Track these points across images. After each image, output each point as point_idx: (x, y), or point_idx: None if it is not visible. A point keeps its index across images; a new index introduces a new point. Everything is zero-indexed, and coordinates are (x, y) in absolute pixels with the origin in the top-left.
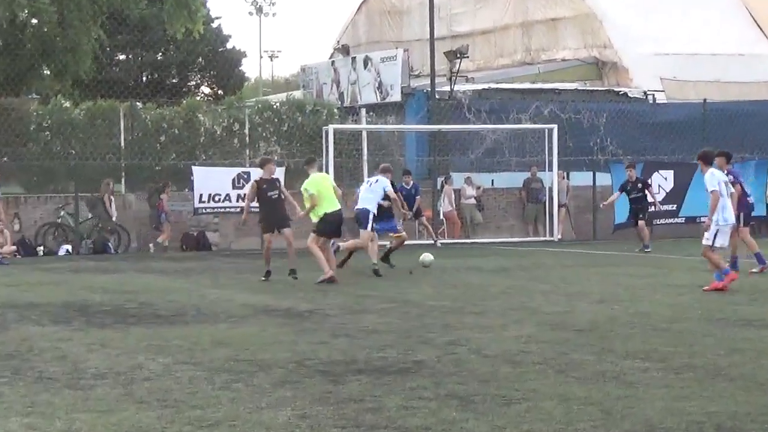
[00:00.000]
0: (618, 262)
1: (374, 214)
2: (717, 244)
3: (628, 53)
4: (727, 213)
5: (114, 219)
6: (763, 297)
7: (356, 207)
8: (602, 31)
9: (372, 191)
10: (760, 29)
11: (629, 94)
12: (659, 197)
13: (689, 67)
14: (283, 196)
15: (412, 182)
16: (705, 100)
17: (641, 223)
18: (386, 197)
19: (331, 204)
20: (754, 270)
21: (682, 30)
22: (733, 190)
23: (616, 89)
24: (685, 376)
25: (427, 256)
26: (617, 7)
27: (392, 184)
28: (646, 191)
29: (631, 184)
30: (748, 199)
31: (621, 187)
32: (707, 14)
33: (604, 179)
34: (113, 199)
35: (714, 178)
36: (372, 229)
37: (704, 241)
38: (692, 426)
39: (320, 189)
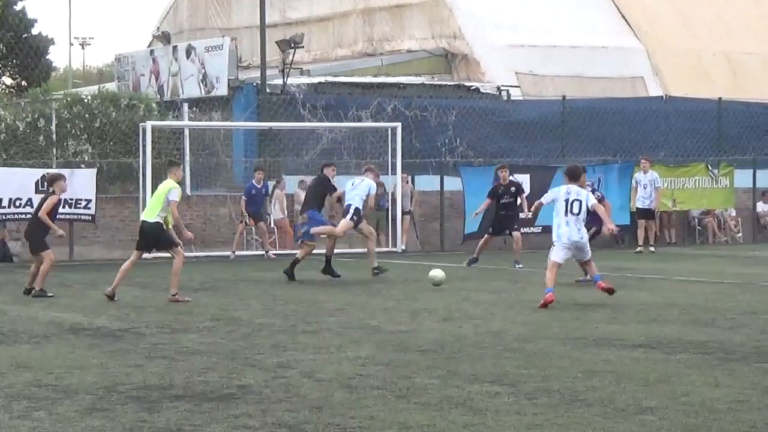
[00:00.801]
0: (468, 275)
1: (357, 209)
2: (555, 259)
3: (480, 44)
4: (560, 230)
5: None
6: (624, 315)
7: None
8: (452, 20)
9: (356, 187)
10: (625, 20)
11: (481, 90)
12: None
13: (547, 60)
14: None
15: (263, 181)
16: (564, 96)
17: (516, 234)
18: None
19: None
20: (579, 279)
21: (540, 20)
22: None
23: (466, 84)
24: (539, 402)
25: (437, 274)
26: None
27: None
28: (519, 197)
29: (503, 187)
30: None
31: (491, 192)
32: (568, 3)
33: (453, 184)
34: None
35: (552, 193)
36: (352, 220)
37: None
38: None
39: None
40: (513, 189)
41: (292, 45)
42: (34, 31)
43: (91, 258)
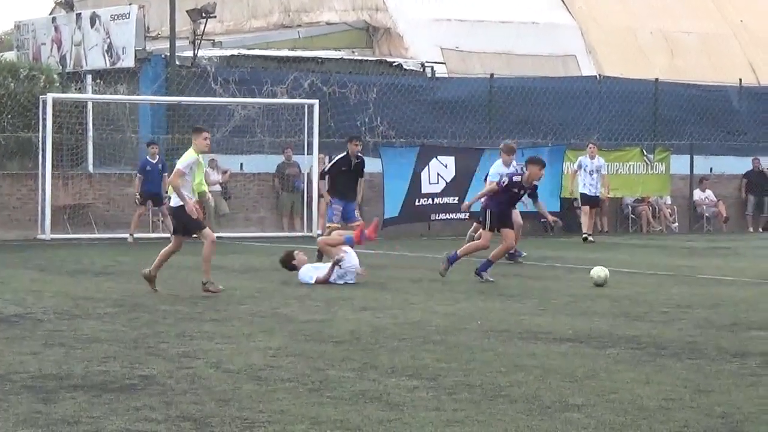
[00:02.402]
0: (388, 263)
1: None
2: None
3: (404, 18)
4: None
5: None
6: (552, 307)
7: None
8: None
9: None
10: None
11: (404, 66)
12: (438, 188)
13: (475, 35)
14: None
15: (158, 155)
16: (492, 74)
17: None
18: None
19: None
20: None
21: None
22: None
23: (389, 60)
24: (460, 397)
25: (600, 272)
26: None
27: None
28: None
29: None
30: None
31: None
32: None
33: (373, 165)
34: None
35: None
36: None
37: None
38: None
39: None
40: None
41: (204, 15)
42: None
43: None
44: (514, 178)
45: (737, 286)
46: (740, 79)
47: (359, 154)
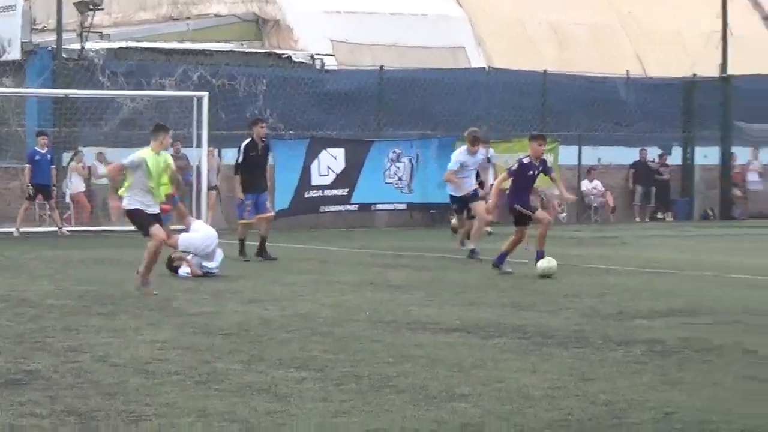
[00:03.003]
0: (278, 255)
1: None
2: None
3: (293, 10)
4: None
5: None
6: (440, 298)
7: None
8: None
9: None
10: None
11: (294, 58)
12: (328, 180)
13: (364, 28)
14: None
15: (47, 147)
16: (382, 66)
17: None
18: None
19: None
20: None
21: None
22: None
23: (278, 52)
24: (347, 388)
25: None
26: None
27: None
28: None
29: None
30: None
31: None
32: None
33: None
34: None
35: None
36: None
37: None
38: None
39: None
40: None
41: (91, 7)
42: None
43: None
44: (524, 161)
45: (623, 276)
46: (627, 71)
47: (264, 138)
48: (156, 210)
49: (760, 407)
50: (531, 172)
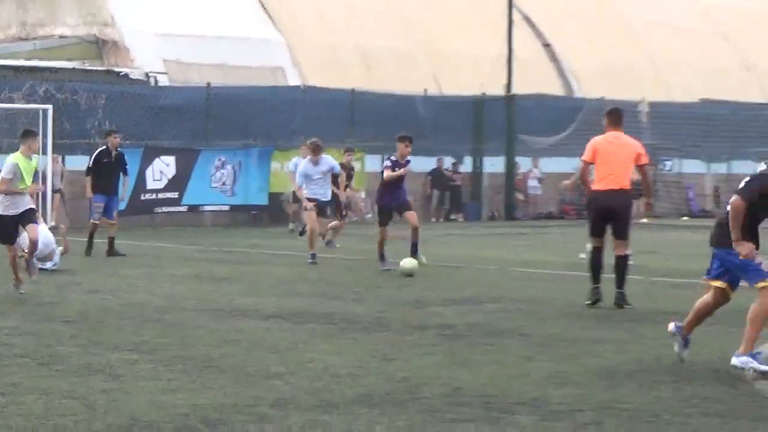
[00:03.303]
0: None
1: None
2: None
3: (130, 32)
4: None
5: None
6: (258, 289)
7: None
8: (104, 8)
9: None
10: (267, 14)
11: (130, 76)
12: (161, 184)
13: (193, 49)
14: None
15: None
16: (209, 83)
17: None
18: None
19: None
20: None
21: (188, 11)
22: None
23: (116, 70)
24: (175, 368)
25: (408, 264)
26: None
27: None
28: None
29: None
30: None
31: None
32: None
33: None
34: None
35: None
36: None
37: None
38: (177, 419)
39: None
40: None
41: None
42: None
43: None
44: (392, 158)
45: (421, 269)
46: (425, 90)
47: (117, 148)
48: (21, 209)
49: (533, 383)
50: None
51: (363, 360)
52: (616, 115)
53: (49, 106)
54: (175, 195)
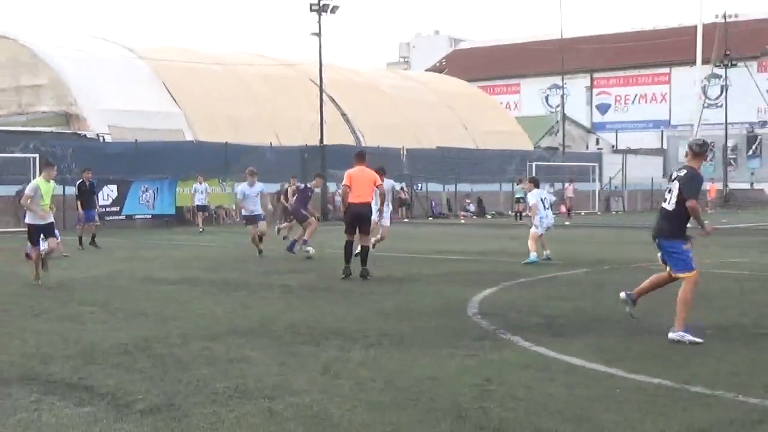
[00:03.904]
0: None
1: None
2: None
3: (86, 109)
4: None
5: None
6: (169, 265)
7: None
8: (70, 95)
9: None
10: (170, 95)
11: (87, 135)
12: (108, 201)
13: (126, 119)
14: None
15: None
16: (136, 140)
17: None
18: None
19: None
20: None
21: (121, 95)
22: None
23: (79, 132)
24: (117, 316)
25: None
26: (78, 76)
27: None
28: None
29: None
30: None
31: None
32: (133, 80)
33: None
34: None
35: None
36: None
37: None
38: (119, 346)
39: None
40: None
41: None
42: None
43: None
44: (309, 185)
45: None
46: (270, 142)
47: (90, 179)
48: (45, 222)
49: (338, 320)
50: (309, 195)
51: (234, 308)
52: (362, 156)
53: (36, 155)
54: (117, 209)
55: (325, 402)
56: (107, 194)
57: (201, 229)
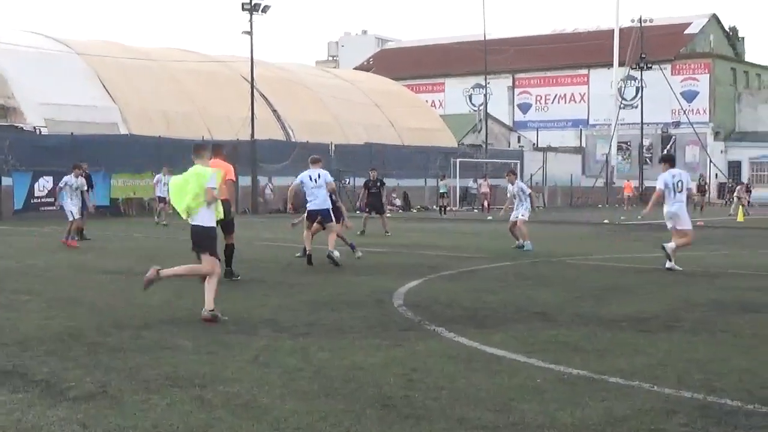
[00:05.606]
0: None
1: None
2: None
3: (24, 102)
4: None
5: None
6: (103, 255)
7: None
8: (7, 87)
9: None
10: (106, 90)
11: (24, 128)
12: (43, 193)
13: (62, 112)
14: None
15: None
16: (72, 133)
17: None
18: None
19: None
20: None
21: (57, 89)
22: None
23: (17, 125)
24: (52, 305)
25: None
26: (15, 70)
27: None
28: (382, 189)
29: (371, 182)
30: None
31: (365, 184)
32: (69, 76)
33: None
34: None
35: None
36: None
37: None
38: (54, 335)
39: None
40: (378, 183)
41: None
42: None
43: None
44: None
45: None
46: (203, 136)
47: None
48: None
49: (268, 311)
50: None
51: (167, 298)
52: (210, 148)
53: None
54: (52, 200)
55: (254, 390)
56: (43, 185)
57: (165, 223)
